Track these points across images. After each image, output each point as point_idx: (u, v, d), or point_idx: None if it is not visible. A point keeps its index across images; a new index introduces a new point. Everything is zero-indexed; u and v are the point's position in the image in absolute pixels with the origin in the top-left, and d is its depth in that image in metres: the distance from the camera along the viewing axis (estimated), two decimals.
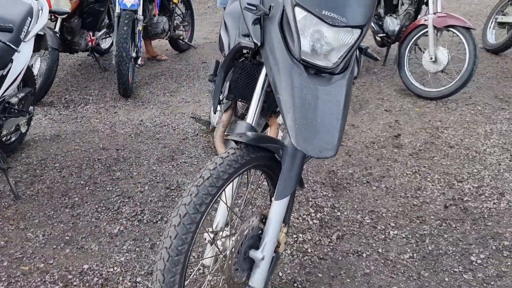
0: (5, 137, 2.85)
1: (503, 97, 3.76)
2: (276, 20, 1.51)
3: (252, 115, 1.66)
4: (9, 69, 2.43)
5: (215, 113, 1.98)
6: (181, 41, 4.97)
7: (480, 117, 3.44)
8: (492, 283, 1.92)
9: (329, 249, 2.15)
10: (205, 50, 5.22)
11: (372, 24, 4.29)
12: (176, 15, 4.83)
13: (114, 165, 2.89)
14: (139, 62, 3.99)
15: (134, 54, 3.88)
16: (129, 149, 3.08)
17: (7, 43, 2.25)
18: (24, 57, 2.56)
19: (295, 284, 1.93)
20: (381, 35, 4.31)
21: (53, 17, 3.90)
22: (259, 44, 1.53)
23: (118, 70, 3.66)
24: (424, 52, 3.75)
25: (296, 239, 2.20)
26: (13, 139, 2.97)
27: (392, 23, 4.15)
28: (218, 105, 2.18)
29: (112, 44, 5.04)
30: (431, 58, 3.64)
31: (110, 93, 4.03)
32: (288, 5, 1.43)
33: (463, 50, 3.54)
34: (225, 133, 2.11)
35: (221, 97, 1.96)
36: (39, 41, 2.85)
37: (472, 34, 3.49)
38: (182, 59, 4.93)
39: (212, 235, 1.54)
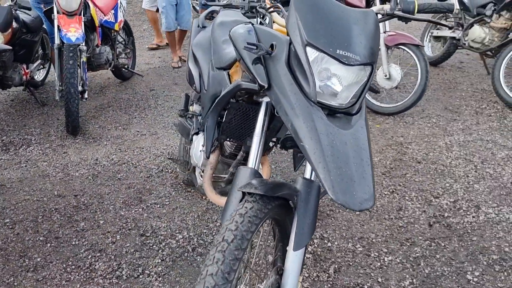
0: None
1: (452, 108, 3.95)
2: (282, 59, 1.41)
3: (254, 159, 1.54)
4: None
5: (208, 158, 1.83)
6: (125, 70, 4.71)
7: (437, 129, 3.57)
8: None
9: (329, 285, 2.06)
10: (150, 76, 4.99)
11: None
12: (117, 42, 4.57)
13: (75, 214, 2.61)
14: (85, 96, 3.70)
15: (80, 88, 3.59)
16: (89, 194, 2.81)
17: None
18: None
19: None
20: None
21: None
22: (266, 86, 1.42)
23: (66, 107, 3.37)
24: (377, 70, 3.85)
25: None
26: None
27: None
28: (202, 146, 2.04)
29: (47, 75, 4.67)
30: (385, 75, 3.73)
31: (54, 131, 3.69)
32: (298, 44, 1.34)
33: (414, 66, 3.67)
34: (214, 175, 1.96)
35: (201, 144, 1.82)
36: None
37: (422, 50, 3.63)
38: (128, 87, 4.67)
39: None
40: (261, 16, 1.71)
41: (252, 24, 1.62)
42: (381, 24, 3.74)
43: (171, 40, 5.30)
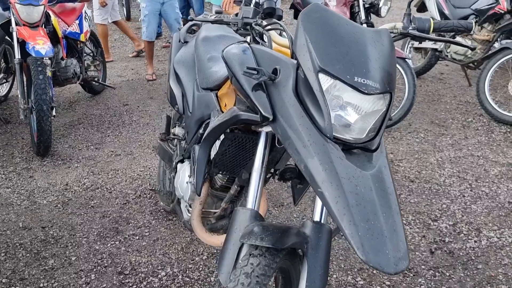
0: None
1: (439, 121, 3.86)
2: (288, 87, 1.22)
3: (253, 199, 1.34)
4: None
5: (199, 195, 1.61)
6: (95, 83, 4.42)
7: (426, 145, 3.46)
8: None
9: None
10: (124, 90, 4.72)
11: None
12: (85, 54, 4.28)
13: (43, 249, 2.34)
14: (53, 113, 3.40)
15: None
16: (58, 225, 2.54)
17: None
18: None
19: None
20: None
21: None
22: (271, 118, 1.23)
23: (39, 127, 3.08)
24: None
25: None
26: None
27: None
28: (189, 177, 1.82)
29: (10, 89, 4.33)
30: None
31: (18, 152, 3.38)
32: (309, 70, 1.15)
33: (400, 79, 3.56)
34: (203, 210, 1.75)
35: (191, 177, 1.60)
36: None
37: (409, 64, 3.53)
38: (100, 102, 4.38)
39: None
40: (257, 34, 1.52)
41: (249, 44, 1.43)
42: None
43: (149, 51, 5.02)
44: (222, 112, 1.72)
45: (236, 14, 1.59)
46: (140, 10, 7.40)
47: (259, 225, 1.23)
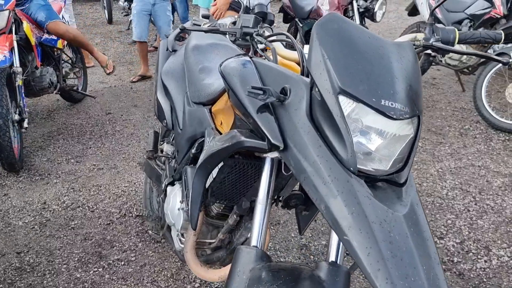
0: None
1: (435, 129, 3.74)
2: (301, 110, 1.04)
3: (258, 236, 1.17)
4: None
5: (194, 229, 1.43)
6: (75, 92, 4.18)
7: (425, 154, 3.33)
8: None
9: None
10: (106, 97, 4.49)
11: None
12: (63, 62, 4.03)
13: (18, 279, 2.12)
14: (25, 125, 3.14)
15: (17, 117, 3.05)
16: (35, 250, 2.32)
17: None
18: None
19: None
20: None
21: None
22: (281, 147, 1.05)
23: None
24: None
25: None
26: None
27: None
28: (181, 202, 1.64)
29: None
30: None
31: None
32: (326, 91, 0.98)
33: None
34: (197, 240, 1.57)
35: (187, 206, 1.42)
36: None
37: None
38: (80, 111, 4.15)
39: None
40: (257, 46, 1.34)
41: (251, 57, 1.25)
42: None
43: (141, 51, 4.84)
44: (217, 130, 1.54)
45: (234, 23, 1.41)
46: (122, 13, 7.19)
47: (268, 270, 1.05)
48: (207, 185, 1.37)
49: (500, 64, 3.61)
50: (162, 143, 2.12)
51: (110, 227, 2.51)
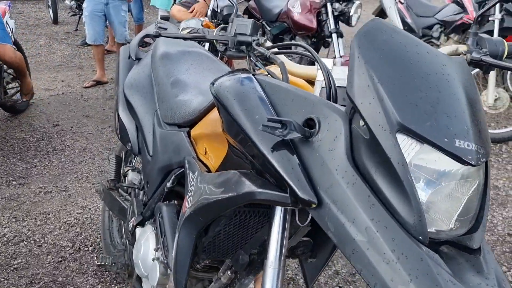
0: None
1: None
2: (339, 151, 0.76)
3: None
4: None
5: None
6: (20, 103, 3.71)
7: None
8: None
9: None
10: (52, 106, 4.02)
11: None
12: (3, 71, 3.54)
13: None
14: None
15: None
16: None
17: None
18: None
19: None
20: None
21: None
22: (315, 203, 0.76)
23: None
24: None
25: None
26: None
27: None
28: (156, 250, 1.32)
29: None
30: None
31: None
32: (379, 128, 0.70)
33: None
34: None
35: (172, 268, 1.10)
36: None
37: None
38: (23, 122, 3.67)
39: None
40: (257, 59, 1.04)
41: (253, 75, 0.96)
42: (336, 48, 3.28)
43: (96, 54, 4.48)
44: (200, 161, 1.24)
45: (224, 29, 1.11)
46: (69, 12, 6.65)
47: None
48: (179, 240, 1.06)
49: (474, 71, 3.53)
50: (126, 169, 1.78)
51: (62, 266, 2.12)
